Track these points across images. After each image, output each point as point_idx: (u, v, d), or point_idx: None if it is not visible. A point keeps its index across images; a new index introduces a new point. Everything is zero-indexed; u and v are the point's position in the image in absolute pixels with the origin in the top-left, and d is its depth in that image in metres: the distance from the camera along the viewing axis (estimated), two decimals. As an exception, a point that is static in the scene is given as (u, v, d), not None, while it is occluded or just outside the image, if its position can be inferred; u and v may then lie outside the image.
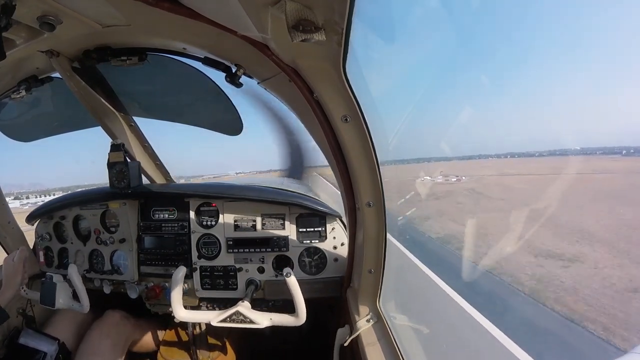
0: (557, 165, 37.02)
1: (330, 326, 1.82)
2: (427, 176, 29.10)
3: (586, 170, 33.59)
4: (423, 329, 1.59)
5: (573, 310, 6.49)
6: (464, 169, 39.78)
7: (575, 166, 27.31)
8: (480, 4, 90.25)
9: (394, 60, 46.75)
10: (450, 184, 31.08)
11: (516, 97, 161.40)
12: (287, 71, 0.94)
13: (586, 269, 8.91)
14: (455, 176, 34.93)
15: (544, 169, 38.59)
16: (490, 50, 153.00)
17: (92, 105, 1.74)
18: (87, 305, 1.77)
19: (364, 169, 1.13)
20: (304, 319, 1.47)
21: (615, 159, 51.67)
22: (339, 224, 1.85)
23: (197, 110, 2.12)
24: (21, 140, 2.25)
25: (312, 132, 1.27)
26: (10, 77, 1.51)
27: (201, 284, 1.92)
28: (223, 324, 1.50)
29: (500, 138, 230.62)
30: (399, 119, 1.52)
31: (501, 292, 7.39)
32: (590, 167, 36.78)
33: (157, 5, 0.84)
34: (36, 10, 0.97)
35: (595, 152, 67.75)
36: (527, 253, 9.97)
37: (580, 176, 28.48)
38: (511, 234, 11.76)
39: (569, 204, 17.37)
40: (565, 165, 30.58)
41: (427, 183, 23.32)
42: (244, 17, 0.74)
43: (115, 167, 1.80)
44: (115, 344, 1.92)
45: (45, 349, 1.78)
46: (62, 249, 2.16)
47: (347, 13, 0.66)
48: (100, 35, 1.25)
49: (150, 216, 2.02)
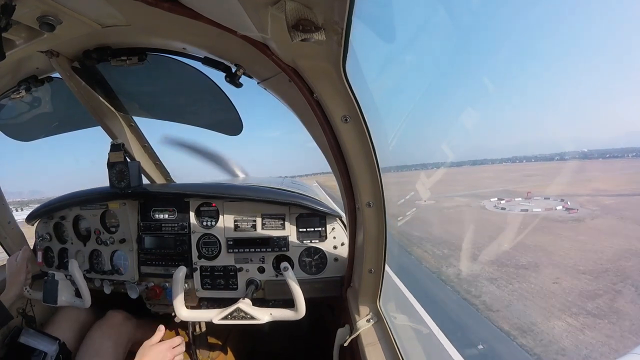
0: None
1: (330, 326, 1.82)
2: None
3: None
4: (423, 330, 1.59)
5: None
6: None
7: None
8: (481, 3, 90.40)
9: (394, 60, 46.67)
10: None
11: (516, 97, 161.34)
12: (287, 71, 0.94)
13: None
14: (561, 200, 27.16)
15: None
16: (491, 50, 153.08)
17: (92, 105, 1.74)
18: (89, 300, 1.77)
19: (364, 169, 1.13)
20: (303, 312, 1.48)
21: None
22: (339, 224, 1.85)
23: (197, 110, 2.12)
24: (21, 140, 2.25)
25: (312, 132, 1.27)
26: (10, 77, 1.52)
27: (201, 284, 1.92)
28: (224, 322, 1.51)
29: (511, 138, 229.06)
30: (399, 119, 1.52)
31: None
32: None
33: (157, 5, 0.84)
34: (36, 11, 0.97)
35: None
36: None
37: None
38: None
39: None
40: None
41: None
42: (244, 17, 0.74)
43: (115, 167, 1.80)
44: (116, 344, 1.92)
45: (46, 349, 1.78)
46: (62, 249, 2.16)
47: (347, 13, 0.66)
48: (100, 35, 1.25)
49: (151, 216, 2.02)
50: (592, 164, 61.27)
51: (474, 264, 16.15)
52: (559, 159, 71.34)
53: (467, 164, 61.13)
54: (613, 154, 71.16)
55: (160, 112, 2.10)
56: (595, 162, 62.19)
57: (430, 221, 25.99)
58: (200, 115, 2.14)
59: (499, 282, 13.96)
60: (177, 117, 2.11)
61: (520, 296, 12.65)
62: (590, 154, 72.49)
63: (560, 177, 42.73)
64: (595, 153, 72.98)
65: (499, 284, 13.82)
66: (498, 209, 29.75)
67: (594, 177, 42.00)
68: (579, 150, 77.07)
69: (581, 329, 10.38)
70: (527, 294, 12.89)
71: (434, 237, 20.78)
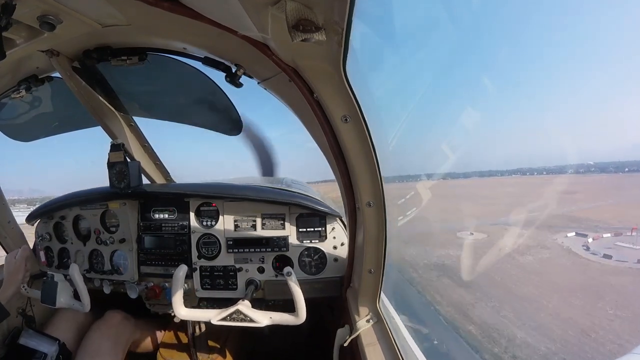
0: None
1: (330, 326, 1.82)
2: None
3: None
4: (423, 330, 1.59)
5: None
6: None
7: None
8: (481, 3, 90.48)
9: (394, 60, 46.49)
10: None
11: (516, 95, 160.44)
12: (287, 71, 0.94)
13: None
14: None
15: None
16: (491, 49, 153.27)
17: (92, 105, 1.74)
18: (88, 304, 1.77)
19: (364, 169, 1.13)
20: (303, 318, 1.47)
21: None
22: (339, 224, 1.85)
23: (197, 110, 2.12)
24: (21, 140, 2.25)
25: (312, 132, 1.27)
26: (10, 77, 1.52)
27: (201, 284, 1.91)
28: (223, 323, 1.50)
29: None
30: (399, 119, 1.52)
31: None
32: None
33: (157, 5, 0.84)
34: (36, 10, 0.97)
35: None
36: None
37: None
38: None
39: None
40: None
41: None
42: (244, 17, 0.74)
43: (115, 167, 1.80)
44: (116, 344, 1.92)
45: (46, 350, 1.78)
46: (62, 249, 2.16)
47: (347, 13, 0.66)
48: (101, 35, 1.25)
49: (150, 216, 2.02)
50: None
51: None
52: (598, 170, 56.76)
53: (476, 175, 54.89)
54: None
55: (160, 112, 2.11)
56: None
57: (511, 291, 13.73)
58: (200, 115, 2.14)
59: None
60: (177, 117, 2.11)
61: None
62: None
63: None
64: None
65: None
66: (596, 254, 19.07)
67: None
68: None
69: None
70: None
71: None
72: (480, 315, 12.06)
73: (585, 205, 27.66)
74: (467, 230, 20.35)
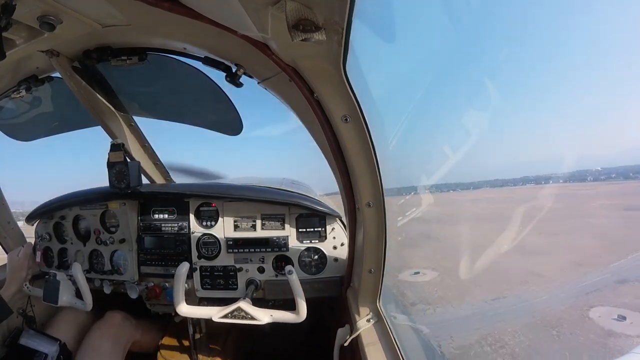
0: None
1: (331, 326, 1.82)
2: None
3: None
4: (423, 329, 1.59)
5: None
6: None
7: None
8: (481, 3, 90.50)
9: (394, 60, 46.38)
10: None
11: (516, 95, 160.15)
12: (287, 71, 0.94)
13: None
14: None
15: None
16: (491, 49, 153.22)
17: (92, 105, 1.74)
18: (91, 303, 1.77)
19: (364, 169, 1.13)
20: (304, 316, 1.48)
21: None
22: (338, 224, 1.85)
23: (197, 110, 2.12)
24: (21, 140, 2.25)
25: (312, 132, 1.27)
26: (10, 77, 1.52)
27: (201, 284, 1.92)
28: (224, 320, 1.50)
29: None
30: (399, 119, 1.53)
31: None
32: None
33: (157, 5, 0.84)
34: (36, 10, 0.97)
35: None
36: None
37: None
38: None
39: None
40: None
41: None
42: (244, 16, 0.74)
43: (115, 167, 1.80)
44: (116, 345, 1.92)
45: (46, 350, 1.78)
46: (61, 249, 2.16)
47: (347, 13, 0.66)
48: (101, 35, 1.25)
49: (150, 216, 2.02)
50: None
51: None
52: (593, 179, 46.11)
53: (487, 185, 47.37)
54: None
55: (160, 112, 2.11)
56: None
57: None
58: (200, 115, 2.14)
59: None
60: (177, 117, 2.11)
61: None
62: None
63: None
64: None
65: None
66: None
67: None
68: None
69: None
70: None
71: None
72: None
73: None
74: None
